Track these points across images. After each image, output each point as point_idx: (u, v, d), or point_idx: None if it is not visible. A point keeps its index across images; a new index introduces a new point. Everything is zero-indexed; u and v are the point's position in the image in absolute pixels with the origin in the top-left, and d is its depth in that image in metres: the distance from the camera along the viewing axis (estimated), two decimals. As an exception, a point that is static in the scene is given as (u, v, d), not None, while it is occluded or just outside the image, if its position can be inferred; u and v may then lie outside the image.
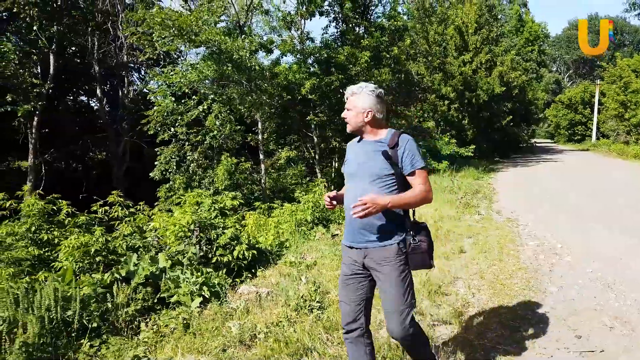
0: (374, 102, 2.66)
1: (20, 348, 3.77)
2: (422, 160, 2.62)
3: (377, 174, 2.60)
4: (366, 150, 2.70)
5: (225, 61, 11.58)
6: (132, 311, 4.63)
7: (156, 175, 12.67)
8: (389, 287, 2.62)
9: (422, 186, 2.57)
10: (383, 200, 2.47)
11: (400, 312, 2.60)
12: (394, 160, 2.58)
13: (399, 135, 2.65)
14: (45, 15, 12.36)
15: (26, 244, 6.02)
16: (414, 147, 2.62)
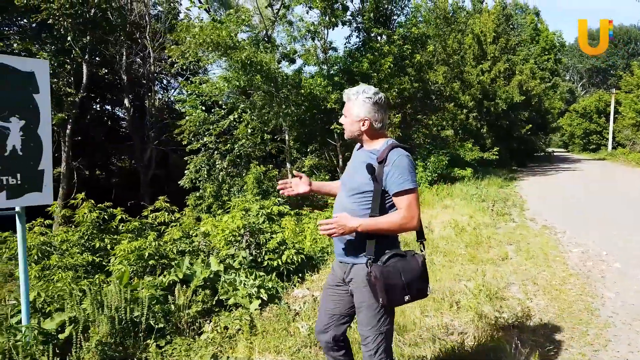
0: (371, 110, 2.41)
1: (96, 347, 3.87)
2: (411, 181, 2.29)
3: (357, 188, 2.40)
4: (358, 159, 2.50)
5: (254, 72, 11.77)
6: (193, 312, 4.73)
7: (186, 184, 12.84)
8: (361, 308, 2.44)
9: (404, 212, 2.27)
10: (352, 223, 2.28)
11: (365, 338, 2.43)
12: (378, 176, 2.32)
13: (390, 149, 2.36)
14: (79, 26, 12.64)
15: (80, 250, 6.15)
16: (404, 165, 2.31)
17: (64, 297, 4.95)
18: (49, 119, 4.05)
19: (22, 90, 3.85)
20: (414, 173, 2.35)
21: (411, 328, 3.84)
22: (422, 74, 16.83)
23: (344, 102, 2.62)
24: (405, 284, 2.29)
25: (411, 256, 2.39)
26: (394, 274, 2.27)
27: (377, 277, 2.25)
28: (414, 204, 2.30)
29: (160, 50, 16.53)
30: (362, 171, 2.36)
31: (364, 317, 2.42)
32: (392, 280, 2.26)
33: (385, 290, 2.25)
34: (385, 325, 2.41)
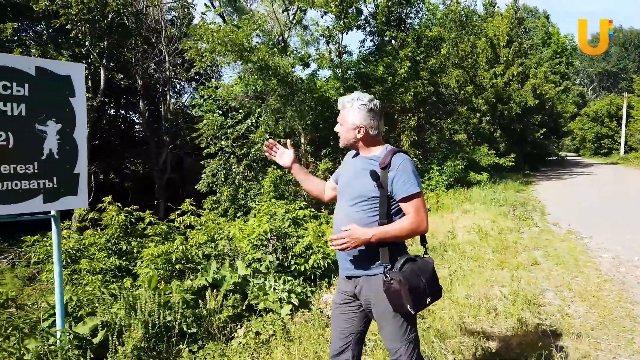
0: (366, 117, 2.38)
1: (132, 351, 3.84)
2: (417, 185, 2.29)
3: (361, 195, 2.35)
4: (356, 167, 2.46)
5: (270, 75, 11.77)
6: (224, 317, 4.69)
7: (202, 188, 12.85)
8: (384, 322, 2.38)
9: (414, 216, 2.25)
10: (364, 235, 2.23)
11: (394, 350, 2.37)
12: (383, 182, 2.29)
13: (392, 154, 2.32)
14: (96, 31, 12.73)
15: (107, 254, 6.14)
16: (408, 170, 2.29)
17: (94, 302, 4.95)
18: (85, 123, 4.04)
19: (58, 93, 3.84)
20: (418, 177, 2.34)
21: (452, 334, 3.77)
22: (435, 78, 16.76)
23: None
24: (425, 285, 2.29)
25: (421, 259, 2.39)
26: (414, 278, 2.25)
27: (401, 282, 2.21)
28: (422, 207, 2.30)
29: (175, 55, 16.61)
30: (365, 178, 2.32)
31: (390, 330, 2.36)
32: (414, 283, 2.24)
33: (410, 295, 2.21)
34: (412, 332, 2.37)
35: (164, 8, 16.91)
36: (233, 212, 12.38)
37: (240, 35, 10.58)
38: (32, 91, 3.65)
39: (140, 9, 14.91)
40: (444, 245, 6.91)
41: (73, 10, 11.65)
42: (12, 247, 11.40)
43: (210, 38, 10.59)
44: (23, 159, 3.61)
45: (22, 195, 3.63)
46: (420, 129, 17.36)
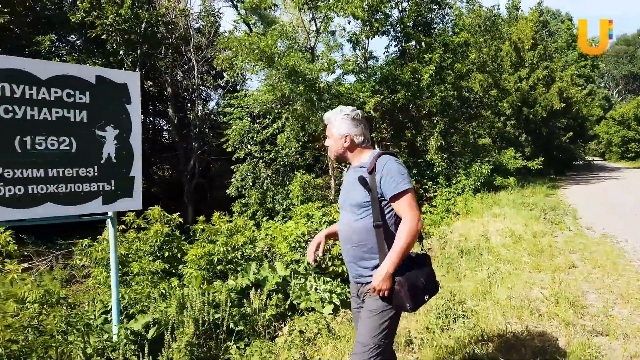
0: (350, 125, 2.50)
1: (186, 347, 4.00)
2: (404, 183, 2.32)
3: (356, 204, 2.42)
4: (350, 178, 2.54)
5: (298, 81, 11.97)
6: (268, 316, 4.83)
7: (232, 192, 13.08)
8: (364, 316, 2.42)
9: (408, 216, 2.28)
10: (383, 274, 2.26)
11: (361, 345, 2.36)
12: (371, 185, 2.36)
13: (376, 158, 2.40)
14: (130, 41, 13.13)
15: (153, 259, 6.34)
16: (393, 169, 2.34)
17: (143, 300, 5.14)
18: (140, 128, 4.24)
19: (116, 101, 4.04)
20: (405, 174, 2.36)
21: (498, 334, 3.83)
22: (459, 82, 16.75)
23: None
24: (423, 282, 2.37)
25: (418, 256, 2.47)
26: (413, 276, 2.33)
27: (402, 283, 2.27)
28: (413, 203, 2.33)
29: (203, 62, 16.97)
30: (357, 187, 2.40)
31: (365, 325, 2.38)
32: (413, 282, 2.31)
33: (411, 295, 2.28)
34: (384, 339, 2.36)
35: (191, 17, 17.29)
36: (261, 215, 12.57)
37: (269, 44, 10.81)
38: (92, 99, 3.86)
39: (170, 19, 15.30)
40: (478, 249, 6.94)
41: (108, 21, 12.06)
42: (50, 249, 11.76)
43: (241, 48, 10.84)
44: (84, 162, 3.82)
45: (83, 197, 3.84)
46: (445, 133, 17.35)
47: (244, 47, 10.78)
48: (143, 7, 13.19)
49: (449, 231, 8.95)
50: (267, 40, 11.00)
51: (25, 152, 3.50)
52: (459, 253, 6.84)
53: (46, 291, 5.66)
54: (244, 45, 10.78)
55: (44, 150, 3.60)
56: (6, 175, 3.41)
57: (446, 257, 6.64)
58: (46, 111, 3.63)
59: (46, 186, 3.61)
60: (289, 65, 11.12)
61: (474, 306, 4.48)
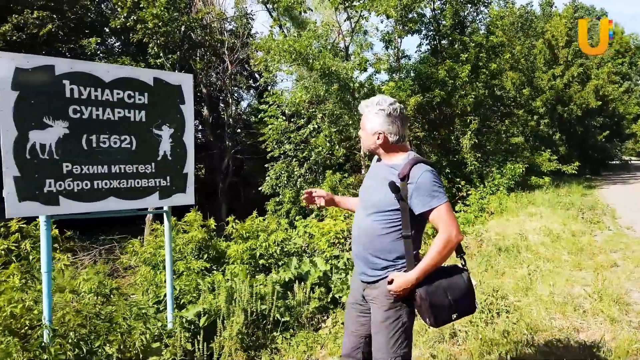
0: (385, 122, 2.27)
1: (237, 335, 4.19)
2: (438, 198, 2.16)
3: (378, 207, 2.26)
4: (377, 174, 2.37)
5: (332, 81, 12.13)
6: (312, 308, 4.99)
7: (266, 190, 13.34)
8: (374, 331, 2.31)
9: (443, 230, 2.15)
10: (407, 280, 2.15)
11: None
12: (403, 194, 2.18)
13: (411, 165, 2.20)
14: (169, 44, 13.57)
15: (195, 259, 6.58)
16: (427, 182, 2.17)
17: (191, 292, 5.38)
18: (192, 127, 4.45)
19: (171, 101, 4.26)
20: (440, 186, 2.21)
21: (543, 328, 3.88)
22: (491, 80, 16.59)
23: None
24: (451, 302, 2.19)
25: (455, 272, 2.31)
26: (439, 294, 2.17)
27: (422, 298, 2.15)
28: (449, 217, 2.16)
29: (236, 64, 17.33)
30: (383, 189, 2.23)
31: (379, 339, 2.27)
32: (438, 300, 2.17)
33: (431, 311, 2.15)
34: (403, 348, 2.25)
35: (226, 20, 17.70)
36: (295, 213, 12.78)
37: (304, 45, 11.02)
38: (150, 99, 4.08)
39: (207, 22, 15.71)
40: (516, 247, 6.94)
41: (149, 25, 12.49)
42: (93, 245, 12.25)
43: (277, 49, 11.09)
44: (143, 159, 4.04)
45: (142, 192, 4.07)
46: (478, 132, 17.23)
47: (280, 48, 11.02)
48: (181, 11, 13.61)
49: (484, 230, 8.94)
50: (303, 41, 11.20)
51: (91, 149, 3.73)
52: (496, 251, 6.85)
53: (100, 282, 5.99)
54: (280, 46, 11.01)
55: (107, 148, 3.83)
56: (75, 172, 3.64)
57: (484, 255, 6.67)
58: (109, 111, 3.85)
59: (109, 181, 3.84)
60: (324, 65, 11.28)
61: (516, 301, 4.54)
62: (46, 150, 3.48)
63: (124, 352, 3.54)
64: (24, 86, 3.38)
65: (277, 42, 11.36)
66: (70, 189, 3.62)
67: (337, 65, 11.79)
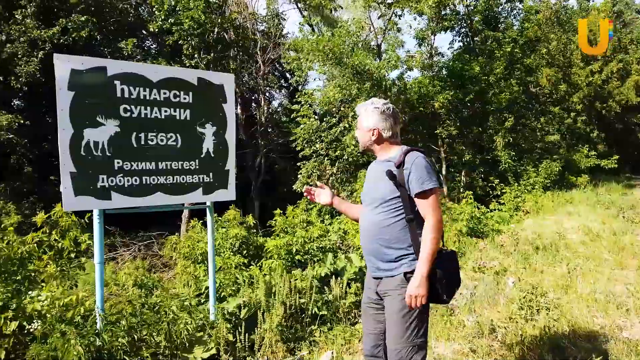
0: (379, 119, 2.46)
1: (277, 327, 4.31)
2: (432, 180, 2.32)
3: (382, 198, 2.39)
4: (375, 172, 2.53)
5: (364, 79, 12.17)
6: (348, 303, 5.07)
7: (298, 188, 13.46)
8: (390, 323, 2.38)
9: (432, 216, 2.28)
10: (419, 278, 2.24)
11: (396, 352, 2.32)
12: (400, 181, 2.33)
13: (405, 153, 2.38)
14: (204, 45, 13.90)
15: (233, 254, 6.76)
16: (421, 166, 2.33)
17: (231, 285, 5.53)
18: (234, 125, 4.60)
19: (214, 100, 4.41)
20: (433, 173, 2.35)
21: (584, 326, 3.85)
22: (526, 77, 16.27)
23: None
24: (455, 275, 2.41)
25: (446, 252, 2.43)
26: (449, 271, 2.36)
27: (440, 277, 2.28)
28: (436, 205, 2.32)
29: (268, 64, 17.57)
30: (383, 181, 2.37)
31: (395, 330, 2.34)
32: (451, 276, 2.36)
33: (447, 288, 2.31)
34: (420, 337, 2.33)
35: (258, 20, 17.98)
36: (326, 212, 12.85)
37: (338, 43, 11.10)
38: (194, 98, 4.24)
39: (240, 23, 15.99)
40: (555, 246, 6.84)
41: (185, 26, 12.83)
42: (132, 241, 12.67)
43: (311, 48, 11.21)
44: (188, 156, 4.20)
45: (187, 187, 4.23)
46: (512, 130, 16.94)
47: (314, 47, 11.12)
48: (215, 12, 13.91)
49: (519, 228, 8.82)
50: (336, 39, 11.27)
51: (140, 147, 3.91)
52: (533, 249, 6.77)
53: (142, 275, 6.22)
54: (314, 45, 11.11)
55: (155, 146, 4.00)
56: (125, 168, 3.82)
57: (521, 253, 6.60)
58: (157, 110, 4.02)
59: (157, 177, 4.01)
60: (357, 64, 11.32)
61: (556, 299, 4.50)
62: (99, 147, 3.67)
63: (171, 341, 3.70)
64: (79, 87, 3.57)
65: (311, 41, 11.47)
66: (121, 184, 3.80)
67: (372, 64, 11.82)
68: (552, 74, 21.70)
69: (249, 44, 16.49)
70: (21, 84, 13.34)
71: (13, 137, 12.99)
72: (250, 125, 18.02)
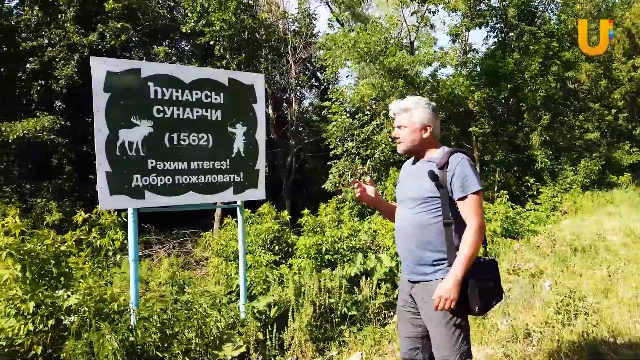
0: (432, 117, 2.38)
1: (306, 326, 4.31)
2: (476, 183, 2.24)
3: (420, 197, 2.31)
4: (416, 171, 2.43)
5: (397, 76, 12.06)
6: (378, 304, 5.03)
7: (329, 187, 13.45)
8: (433, 331, 2.31)
9: (474, 221, 2.20)
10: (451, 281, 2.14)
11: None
12: (442, 182, 2.26)
13: (450, 154, 2.30)
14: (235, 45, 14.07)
15: (264, 251, 6.81)
16: (466, 169, 2.25)
17: (261, 283, 5.57)
18: (264, 125, 4.62)
19: (245, 100, 4.44)
20: (477, 176, 2.28)
21: (625, 332, 3.69)
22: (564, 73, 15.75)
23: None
24: (492, 287, 2.27)
25: (485, 261, 2.33)
26: (485, 280, 2.23)
27: (472, 285, 2.18)
28: (479, 207, 2.24)
29: (299, 63, 17.65)
30: (424, 181, 2.30)
31: (440, 337, 2.28)
32: (485, 285, 2.22)
33: (480, 298, 2.18)
34: (465, 344, 2.28)
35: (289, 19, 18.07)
36: (357, 211, 12.80)
37: (374, 41, 11.04)
38: (225, 99, 4.28)
39: (271, 22, 16.12)
40: (594, 248, 6.59)
41: (216, 27, 13.02)
42: (167, 238, 12.99)
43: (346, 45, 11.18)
44: (219, 156, 4.25)
45: (218, 187, 4.28)
46: (549, 128, 16.45)
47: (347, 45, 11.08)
48: (246, 12, 14.06)
49: (557, 229, 8.55)
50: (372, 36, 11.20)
51: (172, 147, 3.98)
52: (571, 251, 6.55)
53: (175, 273, 6.34)
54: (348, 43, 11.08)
55: (187, 146, 4.07)
56: (158, 167, 3.90)
57: (558, 255, 6.39)
58: (189, 111, 4.09)
59: (189, 177, 4.08)
60: (400, 61, 11.20)
61: (596, 303, 4.33)
62: (133, 147, 3.76)
63: (202, 337, 3.75)
64: (115, 88, 3.67)
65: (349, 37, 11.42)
66: (155, 184, 3.88)
67: (407, 61, 11.69)
68: (592, 70, 20.92)
69: (280, 43, 16.57)
70: (61, 86, 13.84)
71: (54, 138, 13.49)
72: (281, 124, 18.15)
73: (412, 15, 13.69)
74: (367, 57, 11.26)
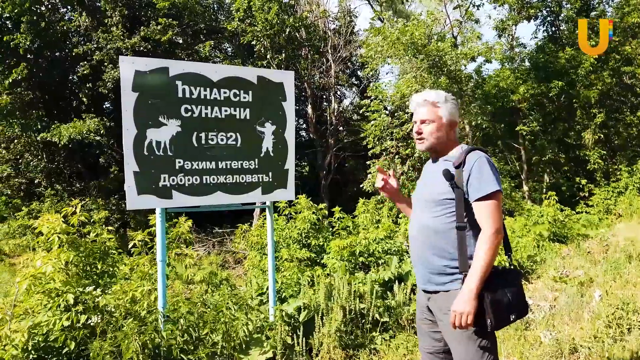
0: (457, 113, 2.25)
1: (335, 332, 4.17)
2: (494, 183, 2.03)
3: (434, 199, 2.13)
4: (430, 170, 2.28)
5: (442, 72, 11.72)
6: (412, 310, 4.81)
7: (368, 187, 13.25)
8: (455, 344, 2.11)
9: (489, 226, 1.98)
10: (467, 293, 1.95)
11: None
12: (458, 182, 2.06)
13: (467, 152, 2.10)
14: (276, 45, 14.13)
15: (300, 246, 6.74)
16: (483, 167, 2.05)
17: (292, 286, 5.48)
18: (293, 124, 4.50)
19: (274, 98, 4.33)
20: (496, 175, 2.06)
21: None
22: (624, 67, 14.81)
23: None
24: (510, 300, 2.02)
25: (507, 270, 2.17)
26: (500, 292, 2.00)
27: (483, 297, 1.97)
28: (496, 211, 2.02)
29: (339, 62, 17.53)
30: (438, 180, 2.11)
31: (463, 353, 2.08)
32: (499, 298, 1.99)
33: (492, 309, 1.96)
34: (490, 358, 2.07)
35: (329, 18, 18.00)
36: (396, 212, 12.53)
37: (417, 34, 10.80)
38: (254, 97, 4.20)
39: (312, 22, 16.09)
40: (652, 254, 6.10)
41: (258, 27, 13.11)
42: (207, 237, 13.21)
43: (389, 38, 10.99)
44: (247, 156, 4.17)
45: (246, 187, 4.20)
46: (603, 126, 15.53)
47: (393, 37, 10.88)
48: (287, 12, 14.08)
49: (610, 234, 8.00)
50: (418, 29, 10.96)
51: (200, 146, 3.93)
52: (626, 258, 6.07)
53: (211, 272, 6.34)
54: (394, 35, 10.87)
55: (215, 145, 4.01)
56: (186, 167, 3.86)
57: (611, 262, 5.94)
58: (217, 110, 4.03)
59: (217, 177, 4.02)
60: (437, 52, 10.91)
61: (651, 317, 3.94)
62: (161, 147, 3.73)
63: (228, 341, 3.68)
64: (143, 87, 3.65)
65: (396, 28, 11.19)
66: (182, 184, 3.84)
67: (452, 51, 11.35)
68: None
69: (320, 42, 16.50)
70: (107, 89, 14.33)
71: (101, 139, 13.99)
72: (321, 123, 18.09)
73: (455, 9, 13.26)
74: (411, 50, 10.97)
